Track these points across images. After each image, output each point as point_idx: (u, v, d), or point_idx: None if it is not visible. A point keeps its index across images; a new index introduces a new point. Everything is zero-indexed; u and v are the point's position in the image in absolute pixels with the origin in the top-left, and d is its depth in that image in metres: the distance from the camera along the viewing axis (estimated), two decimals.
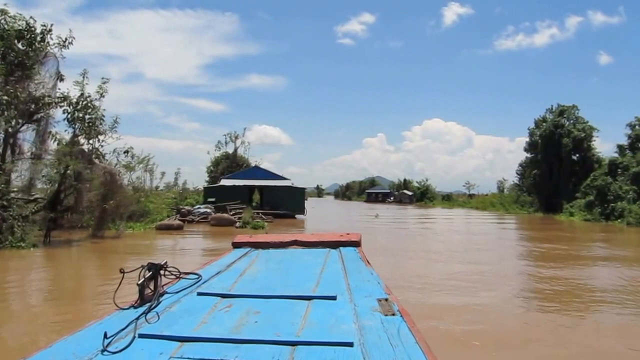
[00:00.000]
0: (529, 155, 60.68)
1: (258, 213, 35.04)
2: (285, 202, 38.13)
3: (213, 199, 36.61)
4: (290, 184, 40.93)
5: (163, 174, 34.49)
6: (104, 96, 20.05)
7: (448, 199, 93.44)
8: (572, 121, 56.34)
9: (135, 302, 2.20)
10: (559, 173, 53.93)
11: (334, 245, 3.68)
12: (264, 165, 50.14)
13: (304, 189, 43.21)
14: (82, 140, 19.67)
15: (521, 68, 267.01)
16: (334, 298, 2.28)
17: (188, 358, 1.61)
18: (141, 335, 1.78)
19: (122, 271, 2.29)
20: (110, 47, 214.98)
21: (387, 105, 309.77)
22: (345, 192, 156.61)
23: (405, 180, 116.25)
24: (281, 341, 1.72)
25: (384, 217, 44.00)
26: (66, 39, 19.27)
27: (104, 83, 20.44)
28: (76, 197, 18.68)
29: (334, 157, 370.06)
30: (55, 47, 19.04)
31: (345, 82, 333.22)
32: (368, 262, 3.17)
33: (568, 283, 12.25)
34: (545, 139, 55.24)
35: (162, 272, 2.42)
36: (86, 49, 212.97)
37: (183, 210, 30.93)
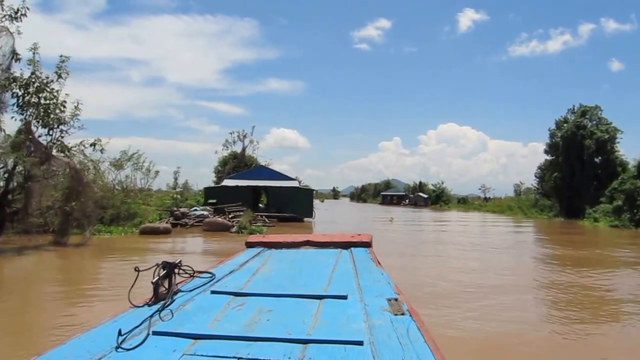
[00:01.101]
0: (548, 157, 56.34)
1: (261, 216, 31.90)
2: (292, 204, 34.84)
3: (214, 201, 33.58)
4: (297, 185, 37.44)
5: (157, 173, 31.41)
6: (62, 77, 16.92)
7: (464, 202, 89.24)
8: (594, 122, 52.02)
9: (150, 300, 2.16)
10: (580, 176, 49.69)
11: (346, 245, 3.64)
12: (280, 167, 47.19)
13: (312, 190, 39.93)
14: (38, 129, 16.57)
15: (534, 74, 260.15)
16: (344, 297, 2.25)
17: (201, 355, 1.60)
18: (155, 333, 1.77)
19: (137, 270, 2.25)
20: (132, 51, 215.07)
21: (403, 110, 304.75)
22: (361, 195, 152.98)
23: (420, 182, 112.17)
24: (293, 339, 1.70)
25: (399, 221, 40.50)
26: (18, 9, 16.25)
27: (62, 62, 17.33)
28: (26, 198, 15.55)
29: (351, 160, 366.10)
30: (6, 19, 15.95)
31: (361, 86, 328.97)
32: (379, 262, 3.13)
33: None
34: (567, 141, 51.02)
35: (176, 270, 2.37)
36: (108, 53, 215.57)
37: (177, 212, 27.84)
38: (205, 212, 28.99)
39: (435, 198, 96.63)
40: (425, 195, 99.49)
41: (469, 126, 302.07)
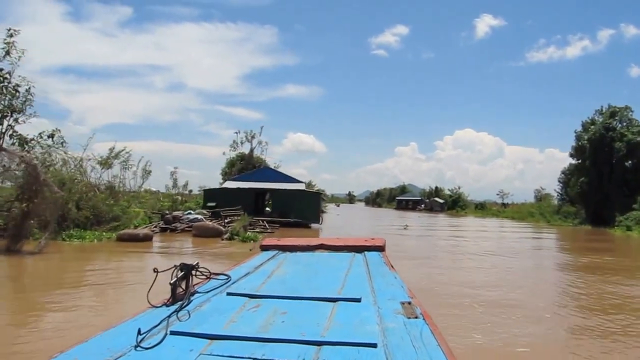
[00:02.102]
0: (574, 161, 52.21)
1: (261, 221, 28.95)
2: (297, 209, 31.74)
3: (213, 204, 30.77)
4: (303, 187, 34.30)
5: (148, 172, 28.65)
6: (10, 54, 14.23)
7: (481, 208, 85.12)
8: (624, 123, 47.97)
9: (167, 301, 2.18)
10: (609, 181, 45.71)
11: (359, 249, 3.63)
12: (297, 171, 44.17)
13: (319, 193, 36.74)
14: None
15: (552, 80, 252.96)
16: (358, 300, 2.25)
17: (217, 355, 1.61)
18: (173, 333, 1.78)
19: (155, 271, 2.28)
20: (155, 58, 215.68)
21: (420, 115, 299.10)
22: (376, 199, 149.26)
23: (436, 187, 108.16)
24: (307, 341, 1.70)
25: (414, 228, 37.20)
26: None
27: (10, 36, 14.67)
28: None
29: (367, 165, 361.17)
30: None
31: (378, 92, 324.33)
32: (392, 266, 3.12)
33: None
34: (595, 143, 47.00)
35: (193, 272, 2.39)
36: (134, 59, 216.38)
37: (167, 216, 25.07)
38: (200, 216, 26.16)
39: (452, 203, 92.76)
40: (442, 201, 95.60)
41: (485, 132, 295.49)
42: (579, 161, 50.49)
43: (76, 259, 15.02)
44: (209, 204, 31.06)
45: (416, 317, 1.97)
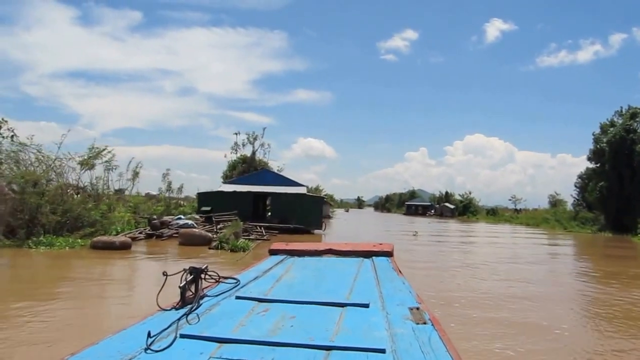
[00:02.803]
0: (592, 165, 49.32)
1: (257, 227, 26.75)
2: (298, 214, 29.48)
3: (208, 208, 28.63)
4: (304, 191, 31.96)
5: (135, 174, 26.52)
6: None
7: (493, 214, 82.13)
8: None
9: (177, 304, 2.19)
10: (631, 186, 42.80)
11: (367, 254, 3.61)
12: (307, 176, 41.68)
13: (321, 197, 34.39)
14: None
15: (563, 85, 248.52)
16: (366, 306, 2.24)
17: (227, 359, 1.61)
18: (182, 336, 1.78)
19: (165, 274, 2.29)
20: (165, 62, 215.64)
21: (429, 120, 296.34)
22: (385, 204, 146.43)
23: (447, 192, 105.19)
24: (316, 345, 1.69)
25: (423, 235, 34.75)
26: None
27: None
28: None
29: (377, 170, 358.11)
30: None
31: (388, 96, 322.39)
32: (400, 271, 3.10)
33: None
34: (614, 146, 44.14)
35: (202, 275, 2.38)
36: (144, 64, 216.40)
37: (155, 221, 22.96)
38: (190, 222, 24.04)
39: (463, 209, 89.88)
40: (452, 206, 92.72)
41: (496, 137, 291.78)
42: (598, 165, 47.62)
43: (26, 267, 12.96)
44: (204, 208, 28.96)
45: (425, 323, 1.94)
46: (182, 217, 25.05)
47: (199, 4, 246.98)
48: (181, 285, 2.22)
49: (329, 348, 1.67)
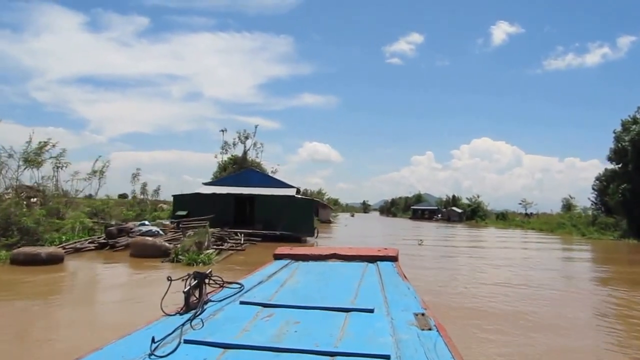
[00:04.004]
0: (613, 165, 44.99)
1: (238, 234, 22.98)
2: (285, 219, 25.65)
3: (184, 213, 24.94)
4: (292, 193, 27.97)
5: (101, 174, 22.84)
6: None
7: (503, 218, 77.61)
8: None
9: (181, 309, 2.15)
10: None
11: (372, 259, 3.53)
12: (313, 180, 37.54)
13: (312, 200, 30.38)
14: None
15: (571, 88, 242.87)
16: (371, 311, 2.17)
17: None
18: (186, 341, 1.75)
19: (169, 279, 2.25)
20: (172, 67, 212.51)
21: (436, 124, 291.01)
22: (390, 208, 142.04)
23: (454, 196, 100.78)
24: (320, 351, 1.65)
25: (429, 241, 30.79)
26: None
27: None
28: None
29: (383, 174, 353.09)
30: None
31: (394, 100, 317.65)
32: (405, 276, 3.02)
33: None
34: (638, 144, 39.96)
35: (206, 280, 2.32)
36: (151, 69, 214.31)
37: (111, 228, 19.25)
38: (155, 228, 20.29)
39: (471, 213, 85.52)
40: (460, 210, 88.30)
41: (503, 141, 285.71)
42: (619, 165, 43.35)
43: None
44: (179, 213, 25.26)
45: (430, 329, 1.90)
46: (147, 222, 21.29)
47: (205, 9, 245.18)
48: (185, 290, 2.16)
49: (333, 354, 1.63)
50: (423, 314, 2.10)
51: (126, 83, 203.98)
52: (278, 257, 3.67)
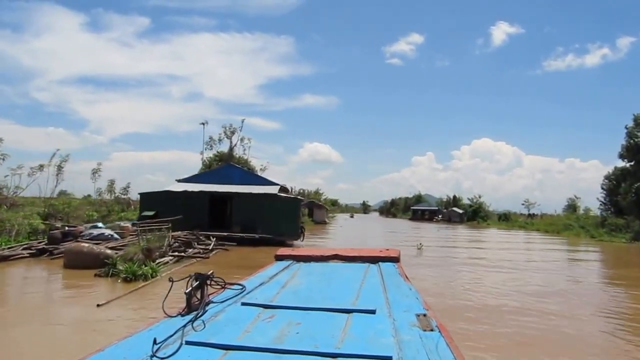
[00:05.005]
0: (625, 163, 41.89)
1: (210, 237, 19.98)
2: (268, 220, 22.59)
3: (151, 213, 21.90)
4: (275, 191, 24.77)
5: (59, 169, 19.77)
6: None
7: (505, 219, 74.39)
8: None
9: (183, 310, 2.12)
10: None
11: (374, 260, 3.48)
12: (314, 181, 34.22)
13: (298, 199, 27.13)
14: None
15: (571, 89, 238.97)
16: (373, 312, 2.15)
17: None
18: (188, 343, 1.73)
19: (171, 280, 2.27)
20: (173, 68, 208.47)
21: (436, 125, 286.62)
22: (390, 209, 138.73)
23: (454, 196, 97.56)
24: (322, 353, 1.63)
25: (430, 243, 27.71)
26: None
27: None
28: None
29: (383, 175, 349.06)
30: None
31: (394, 101, 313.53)
32: (407, 277, 2.99)
33: None
34: None
35: (208, 282, 2.29)
36: (151, 69, 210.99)
37: (55, 232, 16.26)
38: (108, 232, 17.26)
39: (472, 214, 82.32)
40: (461, 211, 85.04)
41: (503, 141, 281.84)
42: (632, 163, 40.27)
43: None
44: (146, 213, 22.21)
45: (432, 330, 1.87)
46: (100, 225, 18.21)
47: (206, 10, 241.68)
48: (187, 291, 2.12)
49: (335, 355, 1.61)
50: (425, 315, 2.07)
51: (127, 83, 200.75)
52: (280, 258, 3.61)
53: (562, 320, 9.56)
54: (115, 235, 17.23)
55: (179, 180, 25.96)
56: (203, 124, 39.47)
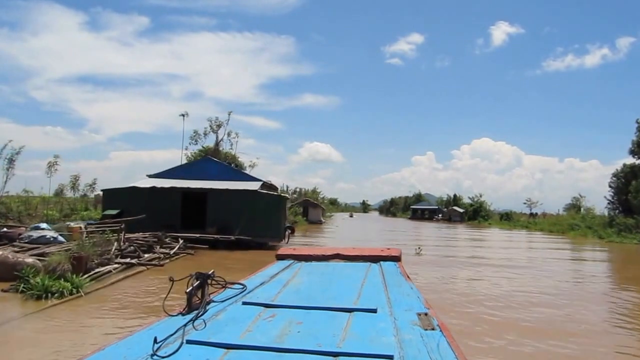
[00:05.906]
0: (635, 160, 39.20)
1: (177, 240, 17.48)
2: (246, 220, 20.02)
3: (114, 212, 19.38)
4: (256, 188, 22.13)
5: (10, 166, 17.30)
6: None
7: (507, 218, 71.74)
8: None
9: (183, 310, 2.08)
10: None
11: (375, 259, 3.41)
12: (314, 180, 31.31)
13: (282, 197, 24.44)
14: None
15: (570, 89, 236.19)
16: (374, 311, 2.11)
17: None
18: (189, 342, 1.70)
19: (171, 279, 2.21)
20: (172, 67, 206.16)
21: (437, 125, 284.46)
22: (390, 208, 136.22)
23: (455, 196, 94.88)
24: (323, 352, 1.60)
25: (429, 245, 25.13)
26: None
27: None
28: None
29: (383, 174, 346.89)
30: None
31: (394, 100, 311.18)
32: (408, 276, 2.91)
33: None
34: None
35: (209, 281, 2.27)
36: (151, 68, 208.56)
37: None
38: (52, 234, 14.70)
39: (473, 213, 79.74)
40: (461, 210, 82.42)
41: (503, 141, 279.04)
42: None
43: None
44: (108, 212, 19.69)
45: (433, 329, 1.84)
46: (44, 225, 15.63)
47: (206, 9, 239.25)
48: (187, 290, 2.09)
49: (336, 354, 1.58)
50: (426, 314, 2.05)
51: (126, 82, 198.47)
52: (281, 257, 3.57)
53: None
54: (60, 238, 14.67)
55: (149, 176, 23.35)
56: (183, 115, 36.78)
